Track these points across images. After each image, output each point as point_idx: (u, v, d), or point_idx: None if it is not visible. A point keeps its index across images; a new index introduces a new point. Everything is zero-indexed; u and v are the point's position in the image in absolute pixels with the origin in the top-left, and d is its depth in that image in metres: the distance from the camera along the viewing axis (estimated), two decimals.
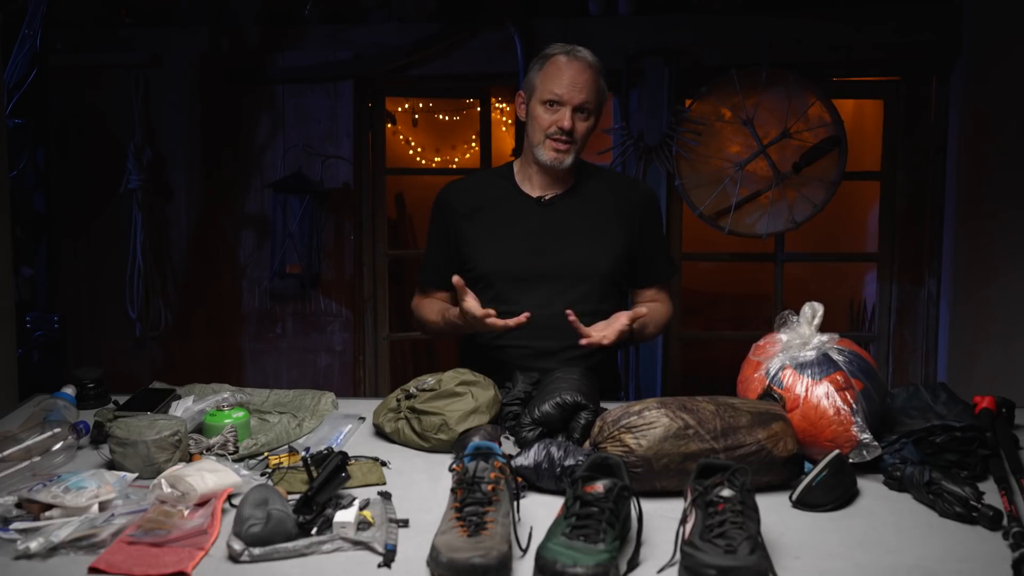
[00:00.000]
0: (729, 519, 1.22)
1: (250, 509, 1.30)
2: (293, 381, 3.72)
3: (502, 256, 2.14)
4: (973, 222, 3.35)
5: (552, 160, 2.10)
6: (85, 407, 1.95)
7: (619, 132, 3.60)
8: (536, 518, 1.39)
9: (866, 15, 3.49)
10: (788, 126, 3.47)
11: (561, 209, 2.16)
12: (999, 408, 1.78)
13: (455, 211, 2.21)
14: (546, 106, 2.08)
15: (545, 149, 2.10)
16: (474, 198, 2.21)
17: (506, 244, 2.14)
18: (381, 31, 3.66)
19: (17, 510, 1.39)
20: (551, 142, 2.09)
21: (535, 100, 2.11)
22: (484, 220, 2.17)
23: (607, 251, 2.15)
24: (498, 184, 2.22)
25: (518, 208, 2.17)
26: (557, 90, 2.06)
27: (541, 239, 2.13)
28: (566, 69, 2.07)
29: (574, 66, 2.08)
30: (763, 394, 1.67)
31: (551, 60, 2.10)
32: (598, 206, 2.17)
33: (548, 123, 2.08)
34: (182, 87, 3.69)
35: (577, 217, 2.15)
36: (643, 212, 2.21)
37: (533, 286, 2.11)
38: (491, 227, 2.17)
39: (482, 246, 2.16)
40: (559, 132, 2.07)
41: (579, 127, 2.09)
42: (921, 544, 1.34)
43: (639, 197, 2.23)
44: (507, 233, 2.15)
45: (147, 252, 3.68)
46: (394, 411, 1.82)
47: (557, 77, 2.07)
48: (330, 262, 3.73)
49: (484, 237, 2.16)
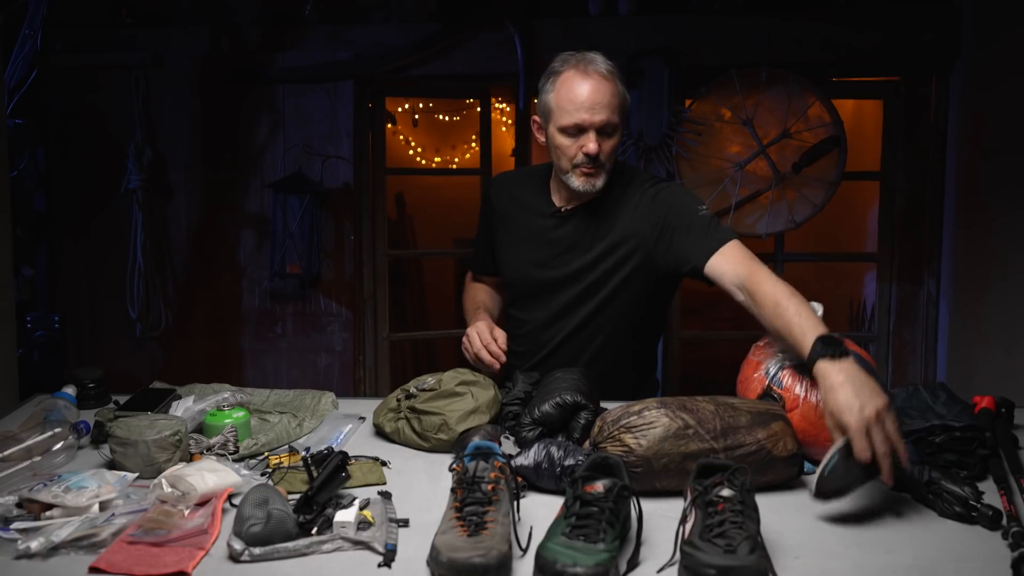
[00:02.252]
0: (729, 519, 1.22)
1: (250, 509, 1.31)
2: (293, 381, 3.72)
3: (517, 264, 2.14)
4: (972, 222, 3.35)
5: (584, 186, 1.95)
6: (85, 407, 1.95)
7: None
8: (536, 518, 1.39)
9: (866, 15, 3.49)
10: (788, 126, 3.47)
11: (576, 220, 2.04)
12: (998, 408, 1.79)
13: (492, 207, 2.22)
14: (567, 134, 1.92)
15: (575, 177, 1.95)
16: (508, 198, 2.19)
17: (521, 250, 2.13)
18: (381, 31, 3.66)
19: (18, 510, 1.39)
20: (580, 170, 1.94)
21: (553, 127, 1.94)
22: (510, 224, 2.16)
23: (619, 260, 2.01)
24: (534, 187, 2.13)
25: (539, 217, 2.10)
26: (576, 115, 1.89)
27: (552, 251, 2.07)
28: (582, 88, 1.89)
29: (590, 83, 1.89)
30: (763, 394, 1.67)
31: (563, 79, 1.92)
32: (618, 213, 2.02)
33: (573, 152, 1.92)
34: (182, 87, 3.69)
35: (589, 229, 2.03)
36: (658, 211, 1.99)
37: (545, 296, 2.10)
38: (513, 232, 2.16)
39: (504, 250, 2.18)
40: (586, 160, 1.92)
41: (606, 147, 1.91)
42: (920, 544, 1.35)
43: (656, 199, 2.00)
44: (524, 240, 2.13)
45: (147, 252, 3.68)
46: (394, 411, 1.82)
47: (573, 100, 1.89)
48: (330, 262, 3.74)
49: (507, 241, 2.17)
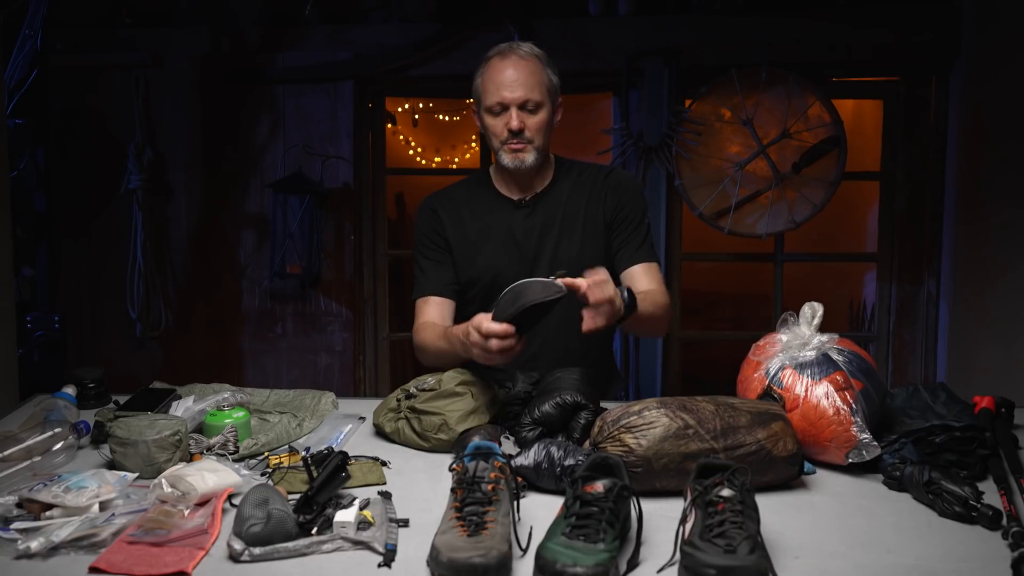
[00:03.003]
0: (729, 519, 1.22)
1: (250, 509, 1.31)
2: (293, 381, 3.72)
3: (488, 261, 2.11)
4: (972, 222, 3.35)
5: (513, 162, 2.04)
6: (85, 407, 1.95)
7: (619, 132, 3.61)
8: (536, 518, 1.39)
9: (866, 15, 3.50)
10: (788, 126, 3.47)
11: (542, 208, 2.12)
12: (998, 408, 1.79)
13: (440, 221, 2.16)
14: (491, 113, 2.03)
15: (505, 154, 2.04)
16: (456, 206, 2.17)
17: (491, 248, 2.12)
18: (381, 31, 3.66)
19: (18, 510, 1.39)
20: (507, 147, 2.03)
21: (482, 110, 2.06)
22: (469, 227, 2.14)
23: (591, 244, 2.10)
24: (478, 191, 2.18)
25: (500, 212, 2.13)
26: (497, 95, 2.00)
27: (525, 241, 2.10)
28: (501, 70, 2.01)
29: (509, 63, 2.01)
30: (763, 394, 1.67)
31: (487, 65, 2.05)
32: (577, 200, 2.11)
33: (499, 129, 2.03)
34: (182, 87, 3.69)
35: (557, 214, 2.10)
36: (615, 196, 2.12)
37: None
38: (475, 233, 2.13)
39: (468, 254, 2.13)
40: (511, 135, 2.01)
41: (530, 124, 2.01)
42: (921, 544, 1.35)
43: (613, 183, 2.14)
44: (491, 238, 2.12)
45: (147, 252, 3.69)
46: (394, 411, 1.82)
47: (494, 80, 2.01)
48: (330, 262, 3.74)
49: (469, 244, 2.13)
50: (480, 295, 2.11)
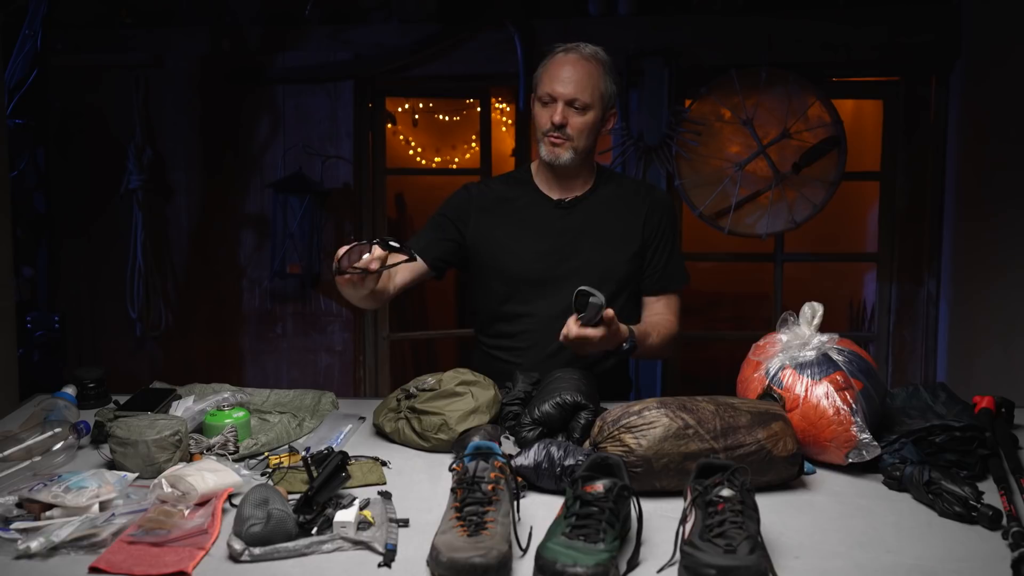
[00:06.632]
0: (729, 519, 1.22)
1: (250, 509, 1.31)
2: (293, 381, 3.72)
3: (520, 257, 2.13)
4: (973, 222, 3.35)
5: (548, 155, 2.08)
6: (85, 407, 1.95)
7: (619, 132, 3.60)
8: (536, 518, 1.39)
9: (866, 15, 3.49)
10: (788, 126, 3.47)
11: (580, 212, 2.15)
12: (998, 408, 1.79)
13: (474, 204, 2.18)
14: (541, 104, 2.08)
15: (544, 145, 2.09)
16: (496, 195, 2.20)
17: (524, 244, 2.14)
18: (381, 31, 3.66)
19: (18, 510, 1.39)
20: (547, 138, 2.07)
21: (535, 99, 2.11)
22: (505, 218, 2.16)
23: (625, 255, 2.13)
24: (518, 186, 2.21)
25: (538, 209, 2.16)
26: (548, 86, 2.06)
27: (559, 241, 2.12)
28: (561, 64, 2.06)
29: (569, 60, 2.06)
30: (763, 394, 1.67)
31: (551, 58, 2.10)
32: (616, 210, 2.15)
33: (544, 120, 2.07)
34: (182, 87, 3.69)
35: (596, 220, 2.14)
36: (656, 216, 2.17)
37: (551, 288, 2.10)
38: (511, 226, 2.16)
39: (501, 245, 2.15)
40: (552, 128, 2.05)
41: (573, 122, 2.05)
42: (921, 544, 1.35)
43: (653, 201, 2.19)
44: (526, 234, 2.14)
45: (147, 252, 3.68)
46: (394, 411, 1.82)
47: (550, 73, 2.07)
48: (330, 262, 3.73)
49: (504, 236, 2.15)
50: (507, 285, 2.14)
